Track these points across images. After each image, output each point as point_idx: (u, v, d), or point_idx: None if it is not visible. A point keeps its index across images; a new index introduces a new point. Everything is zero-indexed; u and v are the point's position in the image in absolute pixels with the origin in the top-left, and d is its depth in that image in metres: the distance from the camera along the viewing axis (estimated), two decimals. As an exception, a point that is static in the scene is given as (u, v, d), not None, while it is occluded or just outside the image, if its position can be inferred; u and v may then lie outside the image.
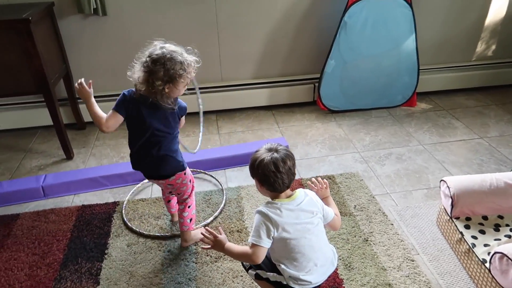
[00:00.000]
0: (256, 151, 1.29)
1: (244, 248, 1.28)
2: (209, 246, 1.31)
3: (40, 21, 2.24)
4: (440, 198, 1.80)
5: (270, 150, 1.27)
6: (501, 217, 1.69)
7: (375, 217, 1.91)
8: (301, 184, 2.15)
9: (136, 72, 1.47)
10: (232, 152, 2.38)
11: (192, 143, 2.59)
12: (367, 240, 1.78)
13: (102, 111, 1.53)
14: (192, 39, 2.68)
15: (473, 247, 1.57)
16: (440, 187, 1.79)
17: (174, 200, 1.87)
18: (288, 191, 1.29)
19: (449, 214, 1.71)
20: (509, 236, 1.59)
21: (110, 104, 2.77)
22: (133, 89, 1.52)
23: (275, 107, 2.98)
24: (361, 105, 2.92)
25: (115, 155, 2.49)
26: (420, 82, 2.94)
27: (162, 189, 1.85)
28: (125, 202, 2.05)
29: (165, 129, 1.54)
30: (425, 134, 2.60)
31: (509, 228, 1.64)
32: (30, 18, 2.06)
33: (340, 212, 1.94)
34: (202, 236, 1.61)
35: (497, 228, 1.65)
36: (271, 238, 1.23)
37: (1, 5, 2.38)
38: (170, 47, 1.47)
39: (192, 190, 1.73)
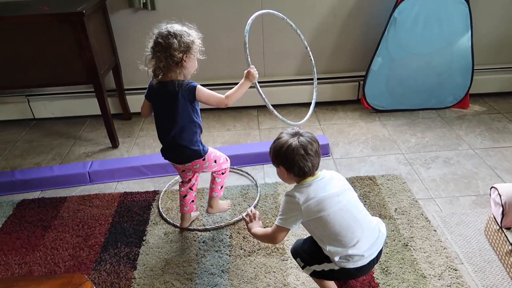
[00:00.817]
0: (278, 138, 1.28)
1: (265, 230, 1.39)
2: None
3: (93, 15, 2.34)
4: (490, 206, 1.68)
5: (294, 135, 1.26)
6: (558, 230, 1.55)
7: (416, 222, 1.83)
8: (340, 184, 2.10)
9: (150, 59, 1.51)
10: (271, 148, 2.36)
11: (232, 137, 2.60)
12: (407, 245, 1.70)
13: None
14: (237, 34, 2.69)
15: (524, 261, 1.46)
16: (490, 195, 1.68)
17: (190, 197, 1.82)
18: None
19: (499, 223, 1.60)
20: None
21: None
22: None
23: (318, 105, 2.93)
24: (408, 105, 2.80)
25: (157, 145, 2.55)
26: (474, 83, 2.76)
27: (181, 180, 1.82)
28: (161, 194, 2.10)
29: (170, 117, 1.55)
30: (477, 138, 2.45)
31: None
32: (84, 11, 2.16)
33: (379, 215, 1.88)
34: (227, 208, 1.92)
35: (553, 242, 1.52)
36: (297, 219, 1.27)
37: (58, -1, 2.52)
38: (172, 25, 1.52)
39: (220, 166, 1.76)
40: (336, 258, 1.23)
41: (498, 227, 1.62)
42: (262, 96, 1.69)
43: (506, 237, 1.56)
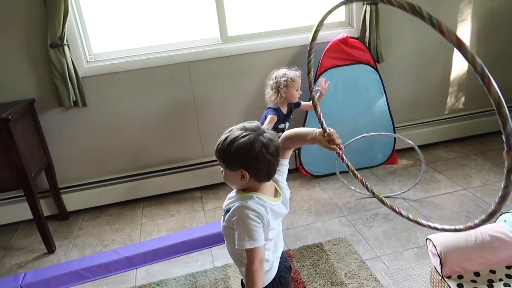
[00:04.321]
0: (239, 136, 1.08)
1: (247, 274, 1.10)
2: None
3: (21, 118, 2.30)
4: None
5: (254, 130, 1.09)
6: (493, 271, 1.64)
7: (367, 284, 1.84)
8: (290, 256, 2.09)
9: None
10: (218, 228, 2.33)
11: (177, 223, 2.55)
12: (361, 311, 1.70)
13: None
14: (171, 119, 2.77)
15: (469, 308, 1.50)
16: (427, 246, 1.76)
17: None
18: (273, 185, 1.18)
19: (440, 273, 1.66)
20: (504, 292, 1.53)
21: (96, 191, 2.76)
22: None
23: (259, 178, 2.99)
24: (343, 167, 2.93)
25: (98, 243, 2.43)
26: (398, 140, 3.00)
27: None
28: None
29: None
30: (409, 190, 2.60)
31: (502, 282, 1.58)
32: (9, 117, 2.12)
33: (330, 281, 1.88)
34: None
35: (490, 284, 1.59)
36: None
37: (-17, 106, 2.46)
38: (281, 71, 2.34)
39: None
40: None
41: (440, 277, 1.68)
42: None
43: (449, 286, 1.62)
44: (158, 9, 2.70)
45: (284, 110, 2.46)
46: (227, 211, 1.15)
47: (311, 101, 1.52)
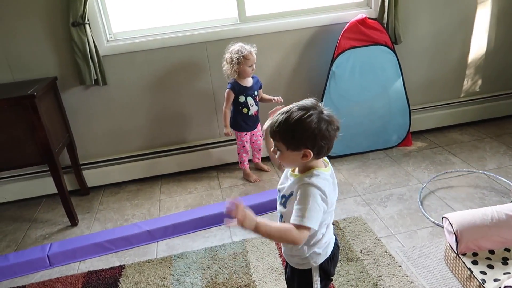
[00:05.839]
0: (303, 115, 1.06)
1: (284, 225, 1.09)
2: (235, 223, 1.05)
3: (44, 95, 2.36)
4: (445, 235, 1.79)
5: (315, 108, 1.09)
6: (508, 249, 1.68)
7: (382, 260, 1.89)
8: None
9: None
10: (234, 205, 2.39)
11: (195, 200, 2.61)
12: (376, 285, 1.75)
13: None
14: (189, 99, 2.81)
15: (483, 283, 1.55)
16: (443, 224, 1.80)
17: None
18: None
19: (455, 250, 1.70)
20: (518, 269, 1.57)
21: (115, 168, 2.83)
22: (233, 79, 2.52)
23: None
24: (358, 148, 2.98)
25: (119, 218, 2.51)
26: (413, 122, 3.01)
27: None
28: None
29: None
30: (424, 172, 2.63)
31: (517, 260, 1.62)
32: (35, 93, 2.18)
33: (346, 257, 1.93)
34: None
35: (505, 261, 1.63)
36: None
37: (7, 83, 2.52)
38: (236, 46, 2.45)
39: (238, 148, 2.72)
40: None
41: (455, 254, 1.72)
42: None
43: (464, 263, 1.66)
44: (177, -12, 2.71)
45: (244, 83, 2.55)
46: (290, 195, 1.15)
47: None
